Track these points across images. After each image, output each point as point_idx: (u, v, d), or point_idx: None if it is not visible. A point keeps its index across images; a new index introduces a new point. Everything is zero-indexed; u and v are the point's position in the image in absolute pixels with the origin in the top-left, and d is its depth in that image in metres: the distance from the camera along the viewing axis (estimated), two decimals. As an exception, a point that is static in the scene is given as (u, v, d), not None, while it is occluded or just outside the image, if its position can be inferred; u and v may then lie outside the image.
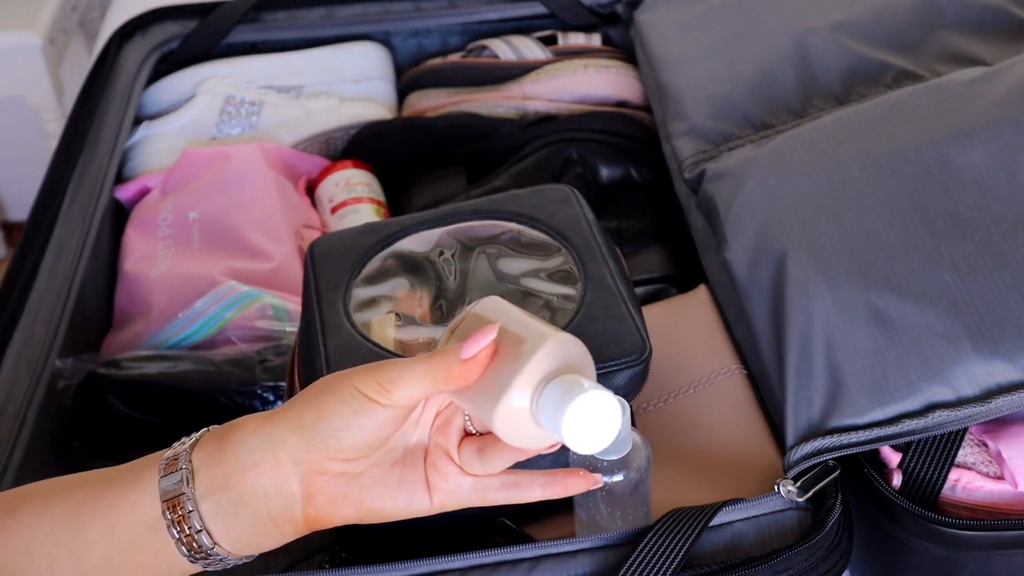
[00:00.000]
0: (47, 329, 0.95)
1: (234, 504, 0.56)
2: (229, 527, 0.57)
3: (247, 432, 0.56)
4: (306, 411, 0.56)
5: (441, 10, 1.34)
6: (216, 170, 1.16)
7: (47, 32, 1.80)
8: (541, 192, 0.86)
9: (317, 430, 0.55)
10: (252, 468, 0.56)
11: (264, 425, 0.56)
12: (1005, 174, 0.80)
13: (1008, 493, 0.75)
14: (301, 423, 0.55)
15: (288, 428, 0.56)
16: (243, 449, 0.56)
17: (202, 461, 0.57)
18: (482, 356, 0.54)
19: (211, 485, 0.56)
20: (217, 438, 0.57)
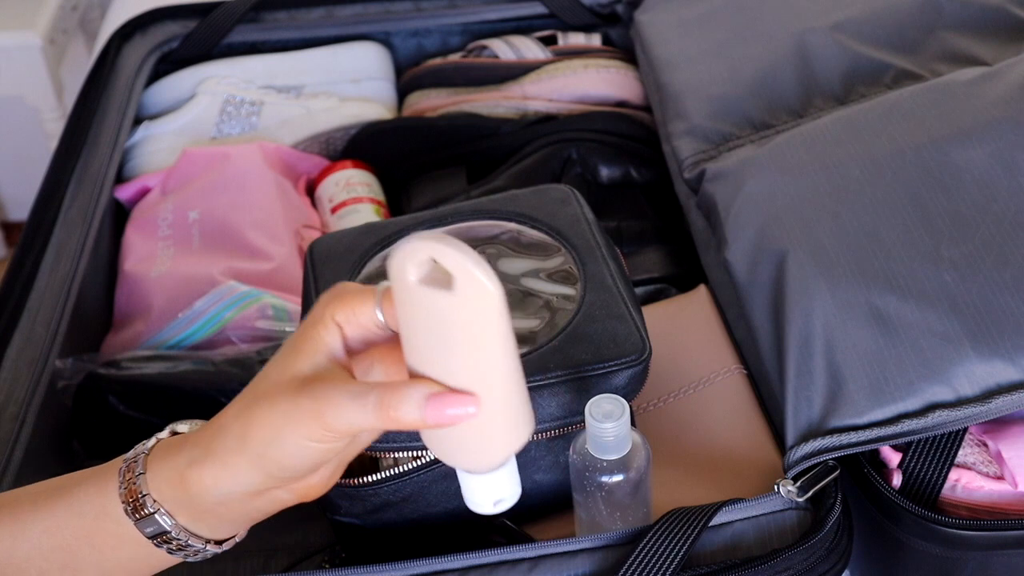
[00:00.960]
0: (47, 329, 0.95)
1: (218, 521, 0.58)
2: (224, 532, 0.59)
3: (210, 484, 0.55)
4: (266, 462, 0.54)
5: (441, 10, 1.34)
6: (216, 170, 1.16)
7: (47, 32, 1.80)
8: (541, 192, 0.86)
9: (279, 474, 0.55)
10: (238, 504, 0.56)
11: (226, 473, 0.55)
12: (1005, 174, 0.80)
13: (1008, 493, 0.75)
14: (266, 471, 0.54)
15: (251, 471, 0.54)
16: (218, 496, 0.56)
17: (174, 503, 0.57)
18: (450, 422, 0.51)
19: (191, 516, 0.57)
20: (176, 486, 0.56)
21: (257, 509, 0.58)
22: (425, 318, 0.50)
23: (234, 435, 0.54)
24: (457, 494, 0.74)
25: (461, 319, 0.49)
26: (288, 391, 0.53)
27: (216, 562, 0.85)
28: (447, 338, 0.50)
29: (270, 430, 0.53)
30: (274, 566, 0.85)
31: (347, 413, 0.51)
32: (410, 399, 0.50)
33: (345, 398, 0.51)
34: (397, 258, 0.49)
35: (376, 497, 0.73)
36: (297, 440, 0.52)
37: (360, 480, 0.72)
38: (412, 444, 0.71)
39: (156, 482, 0.57)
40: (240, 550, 0.86)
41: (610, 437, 0.67)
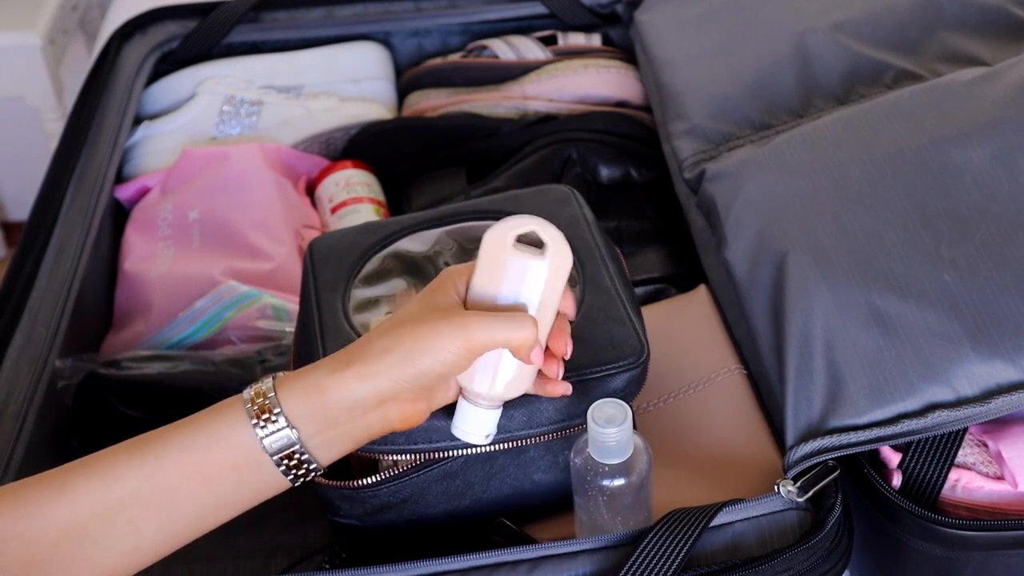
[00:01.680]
0: (47, 329, 0.95)
1: (340, 438, 0.64)
2: (333, 452, 0.65)
3: (349, 387, 0.63)
4: (406, 365, 0.63)
5: (441, 10, 1.34)
6: (216, 170, 1.16)
7: (47, 32, 1.80)
8: (541, 192, 0.86)
9: (419, 384, 0.64)
10: (363, 413, 0.64)
11: (364, 379, 0.63)
12: (1005, 174, 0.80)
13: (1008, 493, 0.75)
14: (402, 376, 0.63)
15: (389, 379, 0.63)
16: (352, 400, 0.63)
17: (304, 413, 0.63)
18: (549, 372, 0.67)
19: (318, 429, 0.63)
20: (311, 392, 0.63)
21: (368, 425, 0.64)
22: (506, 275, 0.65)
23: (380, 347, 0.63)
24: (457, 495, 0.74)
25: (542, 278, 0.65)
26: (433, 316, 0.64)
27: (216, 562, 0.85)
28: (521, 292, 0.65)
29: (415, 342, 0.63)
30: (274, 567, 0.85)
31: (492, 335, 0.63)
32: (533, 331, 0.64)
33: (485, 318, 0.64)
34: (502, 227, 0.65)
35: (376, 498, 0.73)
36: (438, 351, 0.63)
37: (360, 482, 0.72)
38: (411, 447, 0.71)
39: (288, 392, 0.63)
40: (240, 551, 0.86)
41: (612, 442, 0.67)
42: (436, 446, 0.71)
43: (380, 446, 0.71)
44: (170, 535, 0.62)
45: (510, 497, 0.75)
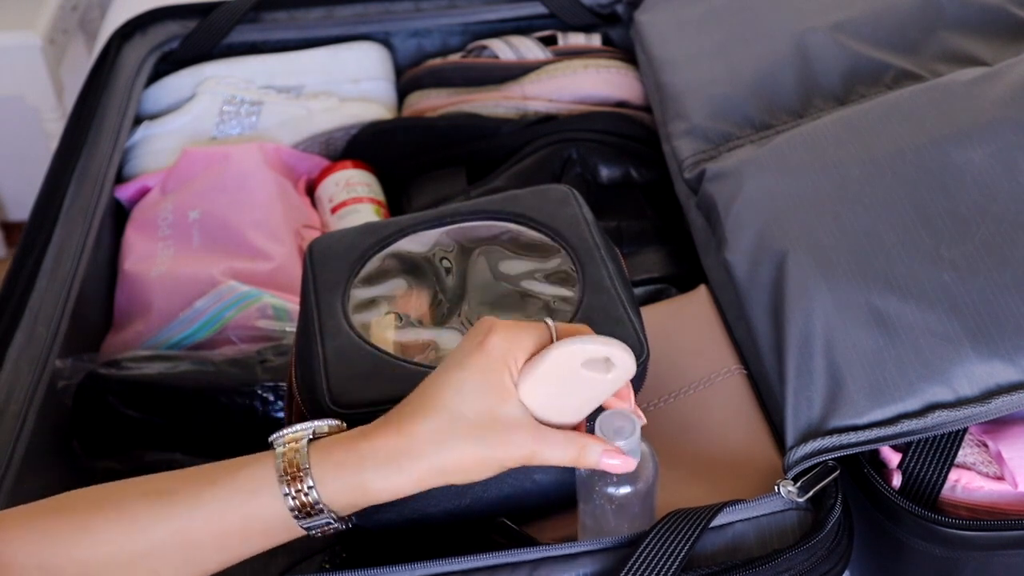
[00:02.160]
0: (47, 329, 0.95)
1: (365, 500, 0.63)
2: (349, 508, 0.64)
3: (394, 487, 0.62)
4: (449, 472, 0.62)
5: (441, 10, 1.34)
6: (216, 170, 1.16)
7: (47, 32, 1.80)
8: (540, 192, 0.86)
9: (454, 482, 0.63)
10: (401, 495, 0.63)
11: (408, 479, 0.62)
12: (1005, 174, 0.80)
13: (1008, 493, 0.75)
14: (444, 472, 0.62)
15: (431, 472, 0.62)
16: (394, 490, 0.62)
17: (344, 504, 0.62)
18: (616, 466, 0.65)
19: (348, 501, 0.62)
20: (358, 492, 0.62)
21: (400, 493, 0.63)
22: (572, 388, 0.65)
23: (430, 463, 0.62)
24: (457, 494, 0.74)
25: (607, 392, 0.66)
26: (498, 430, 0.62)
27: (216, 562, 0.85)
28: (581, 403, 0.66)
29: (474, 463, 0.62)
30: (274, 567, 0.85)
31: (553, 454, 0.63)
32: (596, 451, 0.64)
33: (559, 439, 0.64)
34: (570, 350, 0.63)
35: (376, 498, 0.73)
36: (497, 466, 0.63)
37: (360, 481, 0.72)
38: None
39: (329, 491, 0.62)
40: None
41: None
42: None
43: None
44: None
45: (511, 497, 0.75)
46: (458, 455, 0.61)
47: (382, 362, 0.73)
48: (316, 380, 0.72)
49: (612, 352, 0.64)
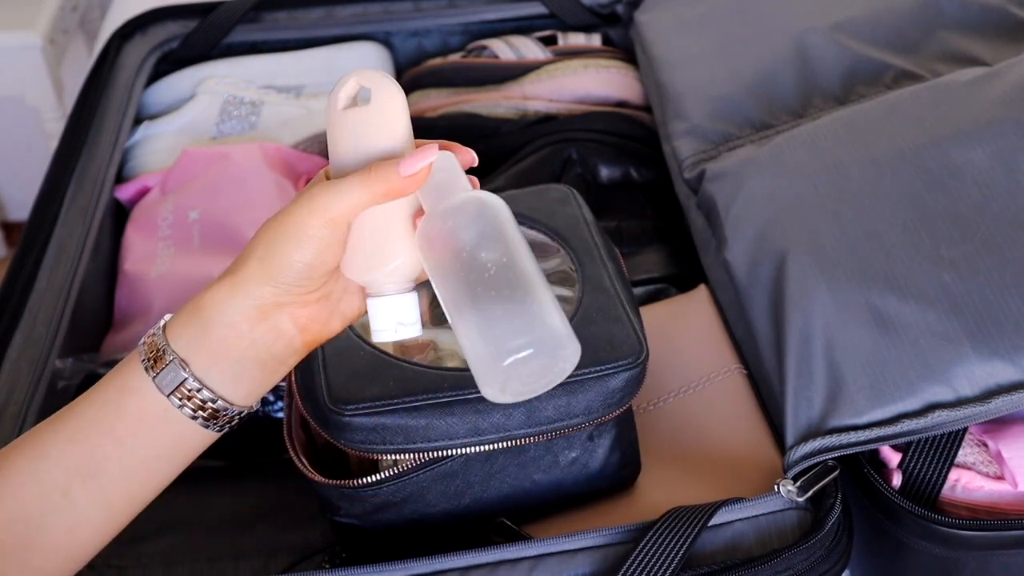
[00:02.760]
0: (47, 329, 0.95)
1: (238, 364, 0.59)
2: (240, 385, 0.60)
3: (223, 300, 0.58)
4: (269, 263, 0.58)
5: (441, 10, 1.34)
6: (216, 170, 1.16)
7: (47, 32, 1.80)
8: (540, 192, 0.86)
9: (286, 277, 0.58)
10: (245, 327, 0.58)
11: (235, 289, 0.58)
12: (1005, 174, 0.80)
13: (1008, 493, 0.75)
14: (269, 275, 0.58)
15: (260, 282, 0.58)
16: (228, 316, 0.58)
17: (189, 344, 0.59)
18: (422, 174, 0.58)
19: (210, 359, 0.59)
20: (193, 318, 0.59)
21: (264, 343, 0.59)
22: (349, 136, 0.60)
23: (244, 254, 0.59)
24: (457, 494, 0.74)
25: (377, 123, 0.60)
26: (292, 202, 0.59)
27: (217, 562, 0.86)
28: (370, 140, 0.59)
29: (271, 231, 0.58)
30: (275, 566, 0.85)
31: (338, 191, 0.57)
32: (386, 163, 0.58)
33: (333, 183, 0.58)
34: (331, 94, 0.60)
35: (376, 498, 0.73)
36: (296, 234, 0.57)
37: (360, 481, 0.72)
38: (411, 446, 0.71)
39: (174, 329, 0.59)
40: (241, 551, 0.87)
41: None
42: (435, 445, 0.71)
43: (378, 445, 0.71)
44: (105, 506, 0.60)
45: (510, 497, 0.75)
46: (261, 238, 0.59)
47: (381, 362, 0.73)
48: (315, 380, 0.72)
49: (361, 78, 0.60)
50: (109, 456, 0.59)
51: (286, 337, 0.60)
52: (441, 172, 0.59)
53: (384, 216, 0.59)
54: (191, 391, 0.58)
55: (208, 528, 0.89)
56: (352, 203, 0.57)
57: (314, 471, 0.74)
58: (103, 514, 0.60)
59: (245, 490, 0.92)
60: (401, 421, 0.70)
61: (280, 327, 0.59)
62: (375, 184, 0.57)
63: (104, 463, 0.59)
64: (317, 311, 0.60)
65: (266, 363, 0.60)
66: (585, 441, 0.75)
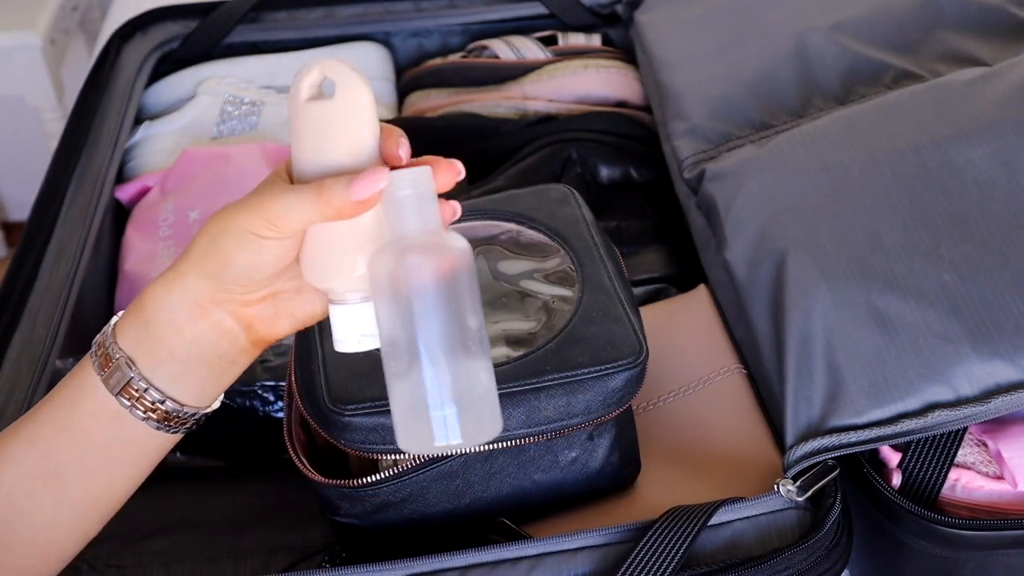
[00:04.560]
0: (47, 329, 0.95)
1: (183, 363, 0.58)
2: (188, 384, 0.58)
3: (161, 296, 0.57)
4: (209, 259, 0.56)
5: (441, 10, 1.35)
6: (216, 170, 1.16)
7: (47, 32, 1.80)
8: (540, 192, 0.86)
9: (225, 275, 0.56)
10: (185, 323, 0.57)
11: (174, 283, 0.57)
12: (1005, 174, 0.80)
13: (1008, 493, 0.75)
14: (208, 271, 0.56)
15: (198, 277, 0.56)
16: (167, 312, 0.57)
17: (133, 343, 0.58)
18: (372, 200, 0.54)
19: (154, 357, 0.57)
20: (136, 317, 0.58)
21: (207, 341, 0.57)
22: (311, 131, 0.56)
23: (186, 249, 0.57)
24: (457, 494, 0.74)
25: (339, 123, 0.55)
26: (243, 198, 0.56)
27: (217, 562, 0.86)
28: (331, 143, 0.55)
29: (215, 226, 0.56)
30: (274, 566, 0.85)
31: (288, 202, 0.54)
32: (338, 182, 0.54)
33: (287, 190, 0.55)
34: (294, 80, 0.56)
35: (376, 497, 0.73)
36: (238, 231, 0.55)
37: (360, 481, 0.72)
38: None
39: (122, 326, 0.58)
40: (241, 550, 0.87)
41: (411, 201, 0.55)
42: (436, 445, 0.71)
43: (378, 445, 0.71)
44: (71, 507, 0.59)
45: (510, 497, 0.75)
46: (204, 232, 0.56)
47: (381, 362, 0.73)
48: (316, 380, 0.73)
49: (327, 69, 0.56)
50: (68, 457, 0.58)
51: (230, 335, 0.58)
52: (409, 190, 0.55)
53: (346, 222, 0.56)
54: (139, 391, 0.57)
55: (208, 528, 0.89)
56: (301, 219, 0.54)
57: (314, 471, 0.74)
58: (71, 514, 0.59)
59: (245, 490, 0.92)
60: (401, 421, 0.70)
61: (222, 324, 0.57)
62: (324, 205, 0.54)
63: (64, 464, 0.58)
64: (262, 310, 0.58)
65: (213, 363, 0.58)
66: (585, 441, 0.75)
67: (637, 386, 0.74)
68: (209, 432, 0.93)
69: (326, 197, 0.54)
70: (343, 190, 0.53)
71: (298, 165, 0.56)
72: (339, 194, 0.54)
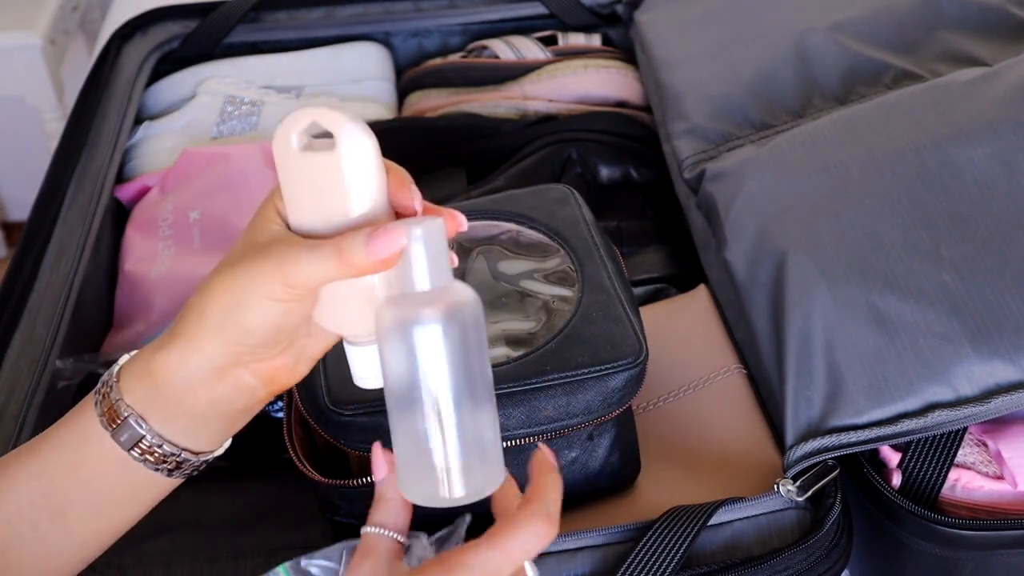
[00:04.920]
0: (47, 329, 0.95)
1: (198, 420, 0.56)
2: (201, 437, 0.57)
3: (175, 364, 0.55)
4: (229, 329, 0.54)
5: (441, 10, 1.35)
6: (216, 170, 1.16)
7: (47, 32, 1.80)
8: (540, 192, 0.86)
9: (246, 345, 0.54)
10: (202, 388, 0.55)
11: (190, 351, 0.55)
12: (1005, 174, 0.80)
13: (1008, 493, 0.75)
14: (229, 339, 0.54)
15: (219, 344, 0.54)
16: (183, 380, 0.55)
17: (143, 402, 0.56)
18: (392, 260, 0.52)
19: (168, 415, 0.56)
20: (143, 378, 0.56)
21: (225, 400, 0.56)
22: (308, 182, 0.53)
23: (195, 311, 0.54)
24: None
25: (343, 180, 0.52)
26: (246, 257, 0.53)
27: (217, 562, 0.85)
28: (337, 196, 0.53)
29: (230, 295, 0.53)
30: (274, 566, 0.85)
31: (306, 264, 0.52)
32: (356, 241, 0.51)
33: (303, 251, 0.52)
34: (281, 128, 0.53)
35: (376, 497, 0.73)
36: (258, 300, 0.53)
37: (360, 480, 0.72)
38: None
39: (128, 383, 0.56)
40: (241, 550, 0.86)
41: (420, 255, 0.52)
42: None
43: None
44: (74, 541, 0.58)
45: (510, 497, 0.75)
46: (213, 299, 0.53)
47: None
48: (315, 380, 0.72)
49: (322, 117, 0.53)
50: (75, 496, 0.57)
51: (248, 391, 0.56)
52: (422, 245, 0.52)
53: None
54: (150, 446, 0.56)
55: (208, 528, 0.89)
56: (322, 280, 0.52)
57: (314, 471, 0.74)
58: (72, 546, 0.59)
59: (245, 490, 0.92)
60: (401, 421, 0.70)
61: (241, 383, 0.56)
62: (344, 265, 0.52)
63: (71, 502, 0.58)
64: (282, 362, 0.57)
65: (230, 416, 0.57)
66: (585, 441, 0.75)
67: (637, 386, 0.74)
68: (209, 432, 0.94)
69: (347, 258, 0.52)
70: (362, 250, 0.51)
71: (297, 216, 0.54)
72: (358, 254, 0.51)
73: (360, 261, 0.51)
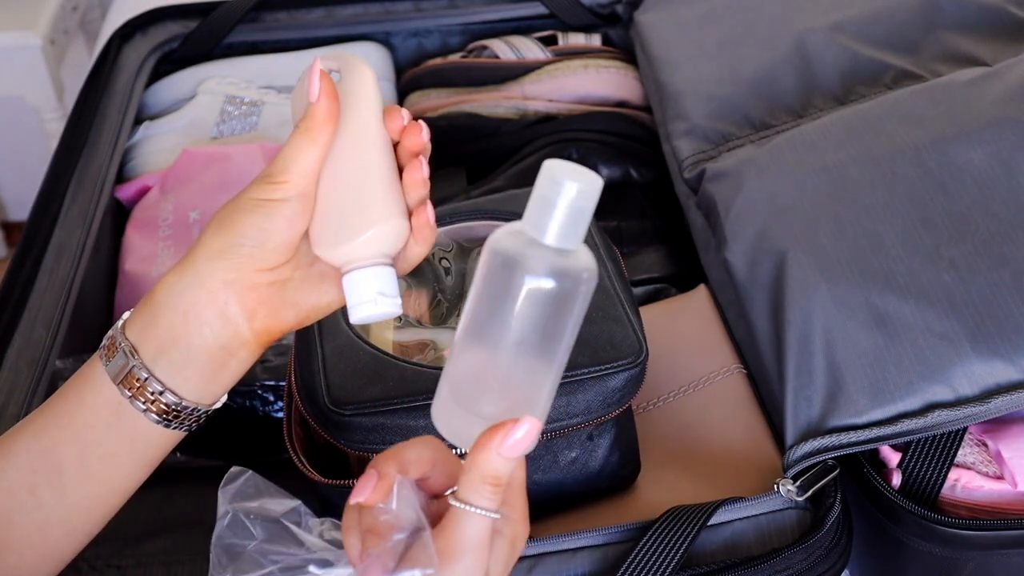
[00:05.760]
0: (47, 329, 0.95)
1: (185, 352, 0.58)
2: (188, 377, 0.58)
3: (171, 283, 0.57)
4: (219, 236, 0.57)
5: (441, 10, 1.35)
6: (216, 170, 1.16)
7: (47, 32, 1.80)
8: (540, 192, 0.86)
9: (236, 248, 0.57)
10: (190, 310, 0.57)
11: (184, 268, 0.57)
12: (1005, 174, 0.80)
13: (1008, 493, 0.75)
14: (218, 248, 0.57)
15: (207, 258, 0.57)
16: (173, 298, 0.57)
17: (139, 332, 0.58)
18: (325, 101, 0.57)
19: (157, 346, 0.57)
20: (144, 306, 0.58)
21: (215, 334, 0.57)
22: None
23: (197, 241, 0.58)
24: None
25: (347, 103, 0.57)
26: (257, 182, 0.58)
27: (216, 562, 0.85)
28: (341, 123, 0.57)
29: (224, 208, 0.57)
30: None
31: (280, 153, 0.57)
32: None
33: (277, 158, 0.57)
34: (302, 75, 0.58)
35: (376, 497, 0.73)
36: (247, 203, 0.56)
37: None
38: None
39: (130, 318, 0.59)
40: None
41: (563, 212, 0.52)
42: (436, 446, 0.71)
43: (378, 445, 0.71)
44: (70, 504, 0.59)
45: (510, 497, 0.75)
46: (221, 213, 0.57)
47: (381, 362, 0.73)
48: (315, 380, 0.73)
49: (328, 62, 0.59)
50: (69, 452, 0.58)
51: (233, 323, 0.58)
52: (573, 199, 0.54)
53: (355, 179, 0.57)
54: (139, 381, 0.57)
55: (208, 528, 0.89)
56: (298, 158, 0.57)
57: (314, 471, 0.74)
58: (70, 512, 0.60)
59: (245, 490, 0.92)
60: (401, 421, 0.70)
61: (227, 311, 0.57)
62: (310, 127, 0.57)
63: (65, 460, 0.58)
64: (268, 295, 0.58)
65: (214, 353, 0.58)
66: (585, 441, 0.75)
67: (637, 386, 0.74)
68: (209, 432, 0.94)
69: (303, 126, 0.56)
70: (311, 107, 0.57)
71: None
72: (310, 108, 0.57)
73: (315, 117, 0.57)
